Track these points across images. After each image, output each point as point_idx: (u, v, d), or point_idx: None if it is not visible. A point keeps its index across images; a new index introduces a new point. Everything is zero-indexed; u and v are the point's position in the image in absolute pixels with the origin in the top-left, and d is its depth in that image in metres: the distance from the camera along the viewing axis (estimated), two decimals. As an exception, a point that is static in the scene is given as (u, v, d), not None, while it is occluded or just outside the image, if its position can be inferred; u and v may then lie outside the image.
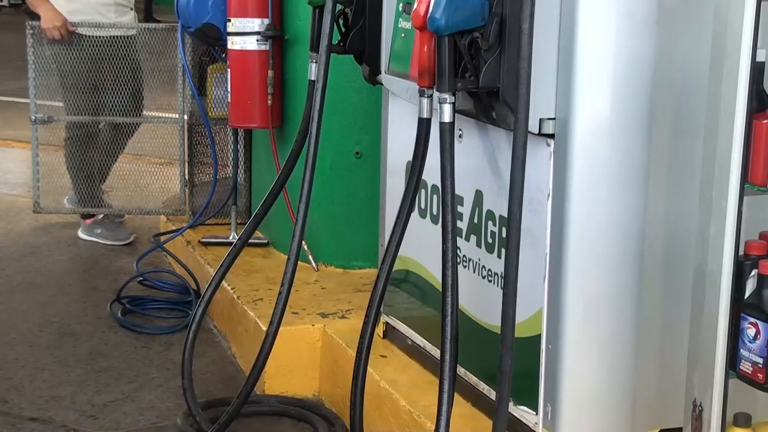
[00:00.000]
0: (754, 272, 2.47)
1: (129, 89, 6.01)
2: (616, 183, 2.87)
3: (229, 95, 5.11)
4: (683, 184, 2.87)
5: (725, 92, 2.39)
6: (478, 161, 3.23)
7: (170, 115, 6.17)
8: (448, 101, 2.89)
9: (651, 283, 2.94)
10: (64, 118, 6.05)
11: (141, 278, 5.40)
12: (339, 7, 3.68)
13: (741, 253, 2.48)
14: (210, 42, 5.21)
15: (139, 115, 6.18)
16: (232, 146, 5.53)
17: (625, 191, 2.88)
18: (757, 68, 2.37)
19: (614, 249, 2.91)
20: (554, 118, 2.85)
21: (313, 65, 3.72)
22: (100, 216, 6.20)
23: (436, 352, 3.44)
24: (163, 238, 5.68)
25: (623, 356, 2.97)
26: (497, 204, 3.16)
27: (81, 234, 6.22)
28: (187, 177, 5.88)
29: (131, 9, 6.05)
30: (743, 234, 2.47)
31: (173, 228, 5.75)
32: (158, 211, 6.15)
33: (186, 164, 5.88)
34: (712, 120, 2.43)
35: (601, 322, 2.95)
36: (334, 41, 3.63)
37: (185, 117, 5.80)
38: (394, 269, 3.27)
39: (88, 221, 6.20)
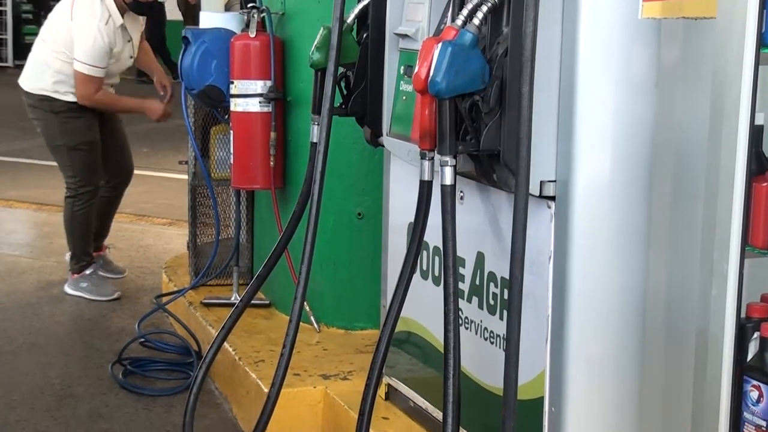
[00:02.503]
0: (756, 335, 2.47)
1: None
2: (617, 245, 2.88)
3: (231, 156, 5.13)
4: (684, 246, 2.87)
5: (724, 155, 2.41)
6: (479, 223, 3.24)
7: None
8: (449, 164, 2.91)
9: (653, 344, 2.94)
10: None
11: (142, 339, 5.38)
12: (341, 69, 3.71)
13: (743, 315, 2.48)
14: (213, 104, 5.23)
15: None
16: (234, 207, 5.54)
17: (626, 253, 2.89)
18: (755, 131, 2.39)
19: (616, 311, 2.91)
20: (555, 181, 2.87)
21: (315, 127, 3.74)
22: (88, 271, 6.20)
23: (438, 414, 3.42)
24: (164, 299, 5.67)
25: (626, 418, 2.96)
26: (499, 266, 3.17)
27: (67, 288, 6.23)
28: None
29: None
30: (744, 296, 2.47)
31: (175, 289, 5.75)
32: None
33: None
34: (711, 183, 2.45)
35: (604, 384, 2.94)
36: (336, 103, 3.66)
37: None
38: (396, 330, 3.27)
39: (75, 276, 6.21)
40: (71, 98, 5.91)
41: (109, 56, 5.84)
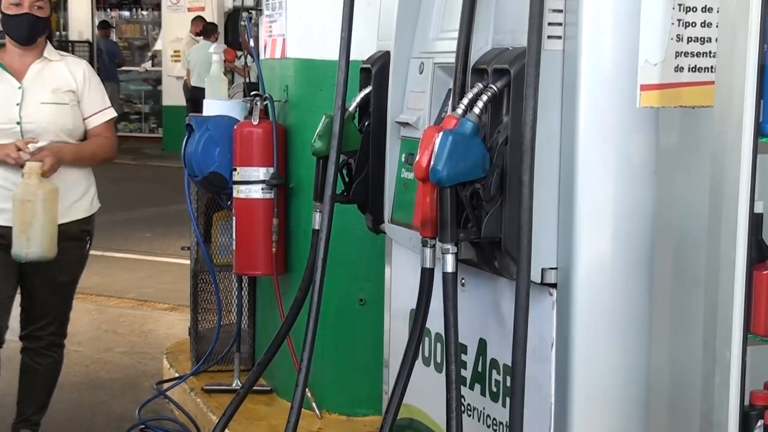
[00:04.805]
0: (760, 423, 2.46)
1: None
2: (619, 331, 2.87)
3: (233, 242, 5.15)
4: (686, 332, 2.87)
5: (724, 243, 2.41)
6: (481, 309, 3.24)
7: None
8: (450, 251, 2.92)
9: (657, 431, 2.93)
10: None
11: (143, 426, 5.34)
12: (342, 157, 3.74)
13: (746, 403, 2.47)
14: (216, 190, 5.27)
15: None
16: (236, 293, 5.55)
17: (628, 339, 2.88)
18: (755, 219, 2.40)
19: (619, 397, 2.90)
20: (556, 268, 2.88)
21: (317, 214, 3.76)
22: None
23: (441, 504, 3.38)
24: (165, 385, 5.64)
25: (631, 508, 2.93)
26: (501, 352, 3.16)
27: None
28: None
29: None
30: (747, 383, 2.46)
31: (176, 375, 5.72)
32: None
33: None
34: (712, 271, 2.45)
35: (608, 472, 2.91)
36: (338, 191, 3.68)
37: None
38: (398, 417, 3.25)
39: None
40: None
41: None
